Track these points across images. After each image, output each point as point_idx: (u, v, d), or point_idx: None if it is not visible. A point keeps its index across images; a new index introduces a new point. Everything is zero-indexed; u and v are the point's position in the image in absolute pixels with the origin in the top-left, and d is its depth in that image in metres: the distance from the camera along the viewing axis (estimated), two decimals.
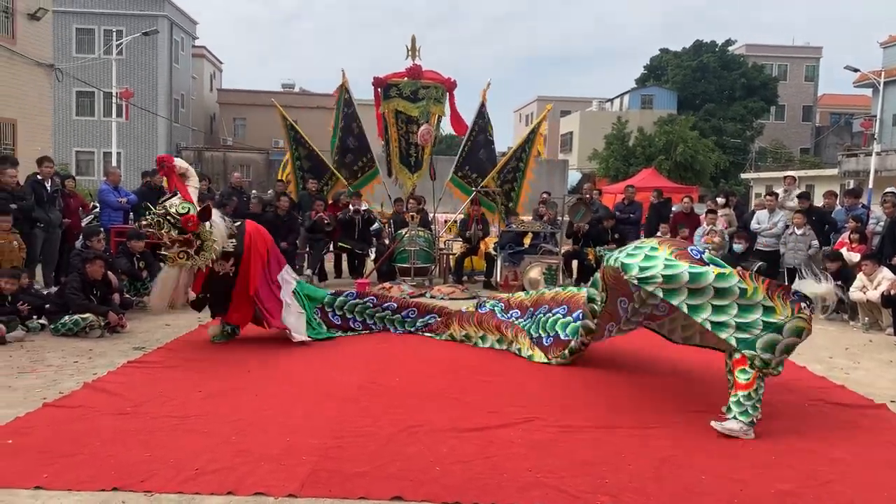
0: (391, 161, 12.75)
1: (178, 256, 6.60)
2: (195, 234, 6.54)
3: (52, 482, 3.73)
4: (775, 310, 4.70)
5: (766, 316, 4.70)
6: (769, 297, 4.74)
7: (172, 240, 6.55)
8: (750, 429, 4.71)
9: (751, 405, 4.73)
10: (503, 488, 3.80)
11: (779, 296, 4.74)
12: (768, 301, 4.72)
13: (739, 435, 4.67)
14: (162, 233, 6.56)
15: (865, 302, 8.93)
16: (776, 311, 4.70)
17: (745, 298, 4.74)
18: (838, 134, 47.49)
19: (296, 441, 4.38)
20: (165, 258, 6.74)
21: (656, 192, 13.53)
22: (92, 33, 36.04)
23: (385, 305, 7.85)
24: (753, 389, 4.73)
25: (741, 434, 4.68)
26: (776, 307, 4.71)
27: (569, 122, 50.30)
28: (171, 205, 6.60)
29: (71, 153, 35.58)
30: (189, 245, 6.56)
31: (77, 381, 5.63)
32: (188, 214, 6.52)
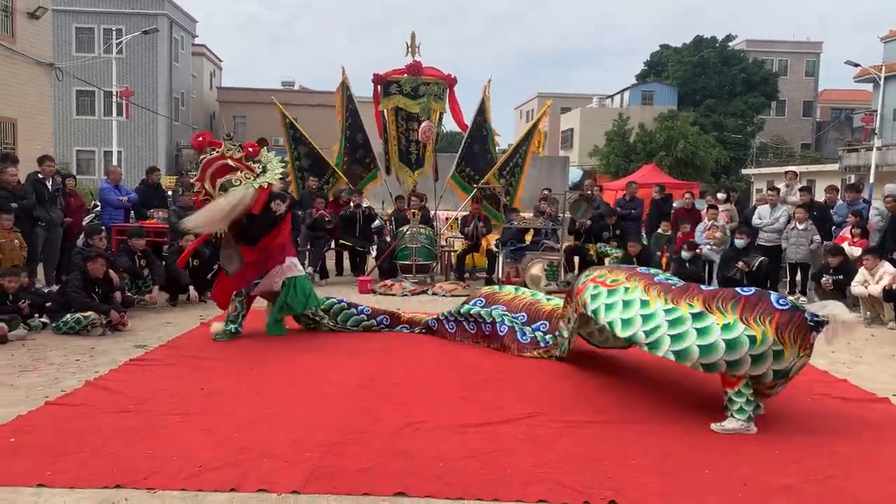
0: (390, 159, 12.74)
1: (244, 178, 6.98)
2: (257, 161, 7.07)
3: (55, 480, 3.73)
4: (784, 354, 4.49)
5: (776, 363, 4.52)
6: (779, 338, 4.47)
7: (236, 160, 6.99)
8: (750, 424, 4.70)
9: (743, 401, 4.69)
10: (506, 484, 3.80)
11: (789, 334, 4.47)
12: (778, 344, 4.48)
13: (741, 432, 4.67)
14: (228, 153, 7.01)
15: (867, 296, 8.93)
16: (784, 356, 4.50)
17: (756, 347, 4.49)
18: (839, 129, 47.45)
19: (299, 438, 4.38)
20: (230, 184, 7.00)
21: (658, 186, 13.52)
22: (92, 32, 36.05)
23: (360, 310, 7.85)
24: (743, 385, 4.69)
25: (742, 431, 4.67)
26: (785, 350, 4.49)
27: (569, 119, 50.27)
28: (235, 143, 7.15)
29: (72, 152, 35.60)
30: (251, 171, 7.02)
31: (79, 379, 5.63)
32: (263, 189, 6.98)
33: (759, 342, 4.48)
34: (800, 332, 4.50)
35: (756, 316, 4.56)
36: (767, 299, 4.65)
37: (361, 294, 10.45)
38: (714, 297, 4.84)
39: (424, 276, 11.46)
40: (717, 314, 4.68)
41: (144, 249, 8.97)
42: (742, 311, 4.61)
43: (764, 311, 4.56)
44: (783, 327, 4.49)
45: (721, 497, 3.71)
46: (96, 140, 35.80)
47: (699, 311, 4.77)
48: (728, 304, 4.70)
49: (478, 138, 12.66)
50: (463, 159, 12.67)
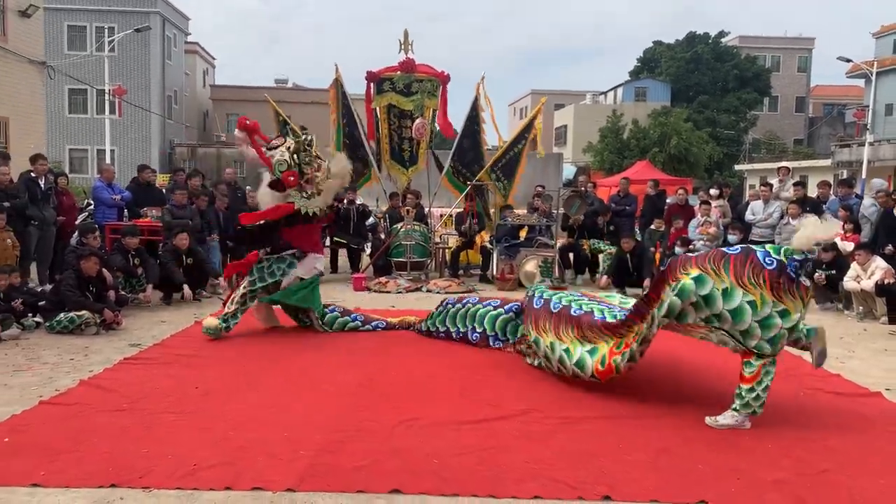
0: (381, 157, 12.73)
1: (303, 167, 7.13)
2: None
3: (49, 480, 3.72)
4: (789, 311, 4.50)
5: (785, 321, 4.50)
6: (778, 298, 4.48)
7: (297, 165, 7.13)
8: (745, 419, 4.72)
9: (752, 397, 4.68)
10: (501, 480, 3.81)
11: (785, 290, 4.48)
12: (779, 304, 4.48)
13: (735, 426, 4.69)
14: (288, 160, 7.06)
15: (859, 291, 8.97)
16: (791, 313, 4.50)
17: (757, 312, 4.49)
18: (831, 124, 47.58)
19: (294, 436, 4.38)
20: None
21: (653, 182, 13.54)
22: (84, 30, 35.89)
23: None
24: (756, 382, 4.68)
25: (736, 426, 4.70)
26: (788, 307, 4.49)
27: (563, 116, 50.28)
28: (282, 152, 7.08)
29: (64, 151, 35.48)
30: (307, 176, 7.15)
31: (73, 378, 5.62)
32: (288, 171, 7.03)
33: (760, 305, 4.47)
34: (792, 285, 4.48)
35: (749, 280, 4.52)
36: (756, 257, 4.58)
37: (356, 291, 10.45)
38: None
39: (419, 274, 11.47)
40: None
41: (138, 248, 8.96)
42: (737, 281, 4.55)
43: (757, 278, 4.51)
44: (776, 284, 4.46)
45: (715, 491, 3.73)
46: (89, 138, 35.68)
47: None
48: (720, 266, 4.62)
49: (468, 134, 12.66)
50: (455, 157, 12.67)
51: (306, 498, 3.59)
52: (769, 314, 4.49)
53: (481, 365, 6.26)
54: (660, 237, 11.51)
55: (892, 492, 3.77)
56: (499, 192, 12.37)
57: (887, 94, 38.12)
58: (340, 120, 12.60)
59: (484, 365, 6.26)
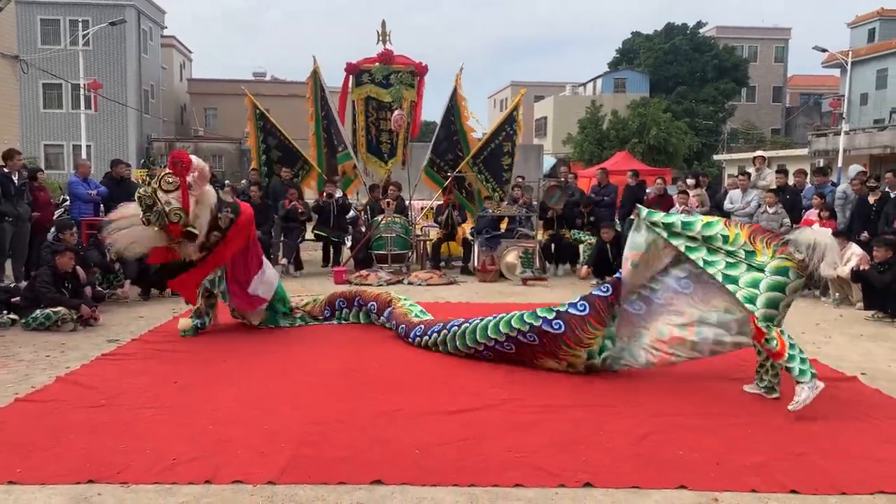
0: (358, 150, 12.69)
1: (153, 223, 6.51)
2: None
3: (26, 477, 3.67)
4: (756, 253, 4.93)
5: (749, 259, 4.94)
6: (750, 241, 4.98)
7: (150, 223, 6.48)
8: (814, 382, 4.66)
9: (798, 363, 4.71)
10: (483, 469, 3.82)
11: (761, 240, 4.96)
12: (749, 245, 4.97)
13: (813, 395, 4.63)
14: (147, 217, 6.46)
15: (836, 278, 9.06)
16: (757, 254, 4.93)
17: (729, 244, 5.01)
18: (808, 114, 48.03)
19: (274, 429, 4.36)
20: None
21: (633, 172, 13.58)
22: (57, 24, 35.43)
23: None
24: (790, 347, 4.76)
25: (814, 393, 4.63)
26: (757, 250, 4.93)
27: (543, 107, 50.33)
28: (167, 203, 6.41)
29: (39, 146, 35.05)
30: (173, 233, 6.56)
31: (49, 375, 5.55)
32: (174, 225, 6.43)
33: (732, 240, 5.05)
34: (772, 241, 4.96)
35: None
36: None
37: (337, 285, 10.41)
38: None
39: (400, 266, 11.45)
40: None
41: None
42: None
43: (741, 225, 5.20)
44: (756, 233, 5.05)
45: (694, 476, 3.76)
46: (64, 134, 35.26)
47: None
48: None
49: (445, 125, 12.66)
50: (433, 149, 12.66)
51: (287, 490, 3.57)
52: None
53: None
54: None
55: (867, 473, 3.82)
56: (481, 183, 12.38)
57: (862, 84, 38.57)
58: (318, 113, 12.54)
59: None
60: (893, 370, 6.03)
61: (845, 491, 3.63)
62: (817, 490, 3.64)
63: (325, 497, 3.51)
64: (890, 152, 28.36)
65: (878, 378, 5.72)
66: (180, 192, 6.51)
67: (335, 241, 12.08)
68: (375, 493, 3.57)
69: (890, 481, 3.73)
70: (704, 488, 3.64)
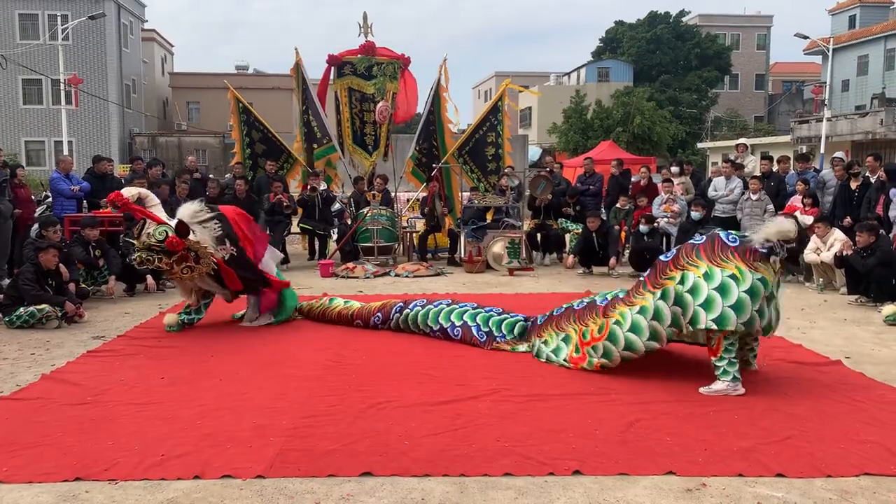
0: (343, 141, 12.64)
1: (183, 273, 6.61)
2: (186, 249, 6.48)
3: (12, 476, 3.65)
4: (767, 280, 4.84)
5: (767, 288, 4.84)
6: (752, 268, 4.83)
7: (169, 264, 6.53)
8: (736, 384, 4.88)
9: (726, 364, 4.91)
10: (472, 458, 3.83)
11: (759, 261, 4.86)
12: (757, 273, 4.82)
13: (729, 392, 4.85)
14: (158, 265, 6.59)
15: (819, 263, 9.15)
16: (769, 281, 4.86)
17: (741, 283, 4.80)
18: (790, 101, 48.28)
19: (263, 422, 4.35)
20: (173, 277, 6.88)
21: (617, 161, 13.62)
22: (36, 18, 34.90)
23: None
24: (724, 350, 4.92)
25: (730, 391, 4.86)
26: (766, 276, 4.84)
27: (527, 97, 50.24)
28: (148, 235, 6.50)
29: (20, 143, 34.60)
30: (187, 260, 6.53)
31: (35, 373, 5.50)
32: (168, 238, 6.42)
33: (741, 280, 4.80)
34: (762, 258, 4.88)
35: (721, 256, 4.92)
36: (720, 239, 5.03)
37: (324, 277, 10.39)
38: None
39: (386, 258, 11.43)
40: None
41: (99, 239, 8.80)
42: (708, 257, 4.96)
43: (723, 249, 4.94)
44: (748, 257, 4.87)
45: (682, 461, 3.79)
46: (45, 130, 34.81)
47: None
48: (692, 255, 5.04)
49: (426, 114, 12.67)
50: (416, 142, 12.64)
51: (276, 484, 3.56)
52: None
53: (446, 345, 6.29)
54: (624, 215, 11.61)
55: (852, 455, 3.87)
56: (466, 174, 12.38)
57: (843, 71, 38.86)
58: (301, 107, 12.50)
59: (448, 345, 6.29)
60: (877, 354, 6.10)
61: (831, 473, 3.67)
62: (803, 473, 3.67)
63: (314, 490, 3.51)
64: (872, 138, 28.58)
65: (861, 362, 5.79)
66: (148, 220, 6.60)
67: (321, 234, 12.05)
68: (365, 484, 3.57)
69: (874, 462, 3.78)
70: (692, 473, 3.67)
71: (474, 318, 6.39)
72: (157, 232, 6.47)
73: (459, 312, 6.49)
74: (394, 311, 6.90)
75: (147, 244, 6.50)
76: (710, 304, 4.80)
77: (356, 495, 3.46)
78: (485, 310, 6.53)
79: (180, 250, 6.46)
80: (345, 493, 3.47)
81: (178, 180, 11.22)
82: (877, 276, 8.08)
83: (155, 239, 6.46)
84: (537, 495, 3.45)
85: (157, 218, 6.67)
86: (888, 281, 8.06)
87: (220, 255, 6.77)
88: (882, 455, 3.87)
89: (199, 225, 6.77)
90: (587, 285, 9.55)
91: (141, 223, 6.67)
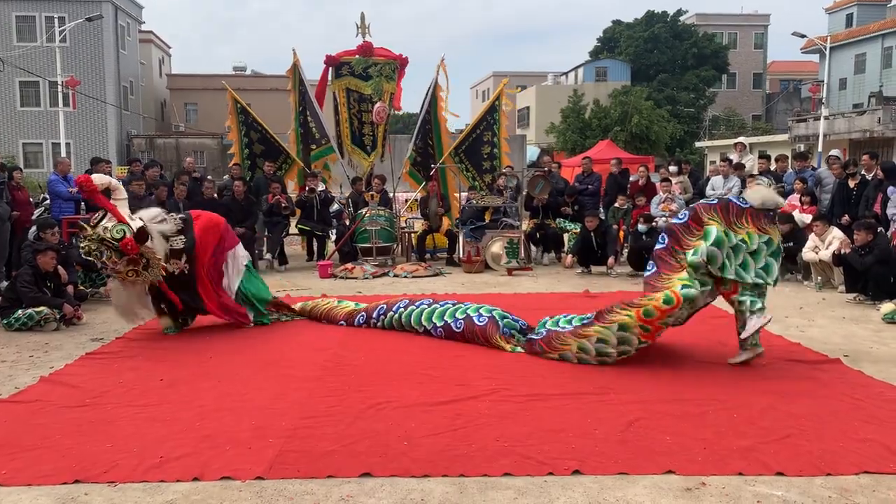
0: (342, 142, 12.63)
1: (127, 276, 6.44)
2: (139, 254, 6.38)
3: (11, 479, 3.64)
4: (772, 239, 5.52)
5: (769, 248, 5.49)
6: (761, 230, 5.48)
7: (116, 263, 6.37)
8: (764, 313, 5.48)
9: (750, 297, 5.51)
10: (472, 458, 3.82)
11: (765, 223, 5.51)
12: (764, 234, 5.47)
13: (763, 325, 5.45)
14: (104, 260, 6.41)
15: (818, 262, 9.15)
16: (773, 240, 5.52)
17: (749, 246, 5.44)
18: (788, 100, 48.29)
19: (262, 424, 4.34)
20: (114, 278, 6.65)
21: (616, 160, 13.62)
22: (33, 20, 34.88)
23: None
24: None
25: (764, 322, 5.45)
26: (772, 236, 5.52)
27: (525, 97, 50.31)
28: (104, 229, 6.36)
29: (18, 145, 34.59)
30: (136, 264, 6.41)
31: (33, 375, 5.49)
32: (125, 239, 6.31)
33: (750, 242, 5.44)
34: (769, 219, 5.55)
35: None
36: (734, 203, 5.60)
37: (322, 278, 10.39)
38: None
39: (385, 259, 11.42)
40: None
41: None
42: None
43: (739, 216, 5.51)
44: (753, 218, 5.49)
45: (682, 460, 3.79)
46: (43, 132, 34.78)
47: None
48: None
49: (423, 114, 12.67)
50: (414, 142, 12.64)
51: (276, 485, 3.56)
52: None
53: (445, 345, 6.28)
54: (623, 215, 11.61)
55: (851, 453, 3.87)
56: (462, 174, 12.39)
57: (841, 69, 38.88)
58: (297, 108, 12.49)
59: (447, 345, 6.28)
60: (875, 351, 6.10)
61: (830, 471, 3.67)
62: (803, 471, 3.67)
63: (314, 491, 3.50)
64: (869, 136, 28.61)
65: (860, 360, 5.79)
66: (109, 214, 6.44)
67: (319, 234, 12.04)
68: (365, 485, 3.56)
69: (874, 460, 3.78)
70: (692, 473, 3.67)
71: (477, 311, 6.39)
72: (115, 230, 6.33)
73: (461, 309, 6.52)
74: (377, 311, 7.00)
75: (100, 237, 6.32)
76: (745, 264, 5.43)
77: (356, 496, 3.45)
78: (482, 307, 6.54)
79: (133, 255, 6.34)
80: (344, 494, 3.47)
81: (177, 182, 11.21)
82: (875, 274, 8.09)
83: (111, 235, 6.31)
84: (537, 495, 3.45)
85: (118, 214, 6.47)
86: (886, 279, 8.07)
87: (171, 268, 6.65)
88: (881, 453, 3.87)
89: (160, 234, 6.63)
90: (586, 285, 9.55)
91: (101, 214, 6.50)
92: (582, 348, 5.61)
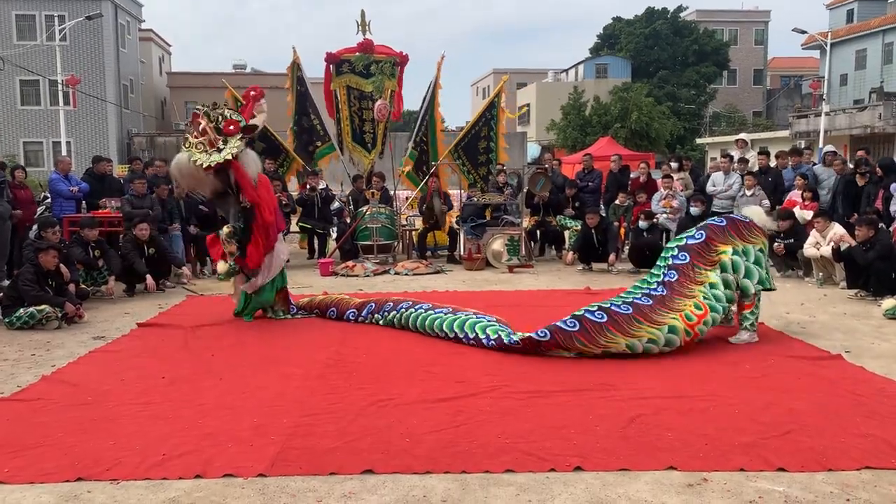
0: (343, 139, 12.62)
1: (196, 147, 6.91)
2: (224, 139, 6.89)
3: (14, 477, 3.65)
4: (763, 248, 6.31)
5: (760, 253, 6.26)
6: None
7: (202, 132, 6.90)
8: (754, 334, 6.21)
9: (754, 318, 6.23)
10: (473, 455, 3.83)
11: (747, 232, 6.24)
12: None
13: (749, 341, 6.13)
14: (200, 121, 6.98)
15: (819, 258, 9.14)
16: (764, 250, 6.33)
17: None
18: (788, 96, 48.27)
19: (264, 421, 4.35)
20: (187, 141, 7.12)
21: (616, 157, 13.61)
22: (33, 19, 34.92)
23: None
24: (755, 306, 6.21)
25: (750, 340, 6.15)
26: (761, 242, 6.30)
27: (525, 94, 50.29)
28: (230, 112, 7.14)
29: (18, 144, 34.63)
30: (210, 145, 6.87)
31: (35, 373, 5.50)
32: (234, 120, 7.00)
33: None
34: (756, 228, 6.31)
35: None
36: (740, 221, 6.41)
37: (323, 276, 10.39)
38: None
39: (386, 256, 11.42)
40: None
41: (98, 240, 8.78)
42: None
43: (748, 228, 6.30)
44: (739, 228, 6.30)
45: (683, 456, 3.79)
46: (44, 130, 34.81)
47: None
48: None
49: (422, 111, 12.67)
50: (413, 139, 12.64)
51: (278, 482, 3.57)
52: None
53: (445, 343, 6.28)
54: (624, 212, 11.60)
55: (853, 449, 3.87)
56: (460, 172, 12.39)
57: (841, 65, 38.83)
58: (295, 107, 12.48)
59: (447, 343, 6.27)
60: (877, 347, 6.10)
61: (832, 467, 3.67)
62: (804, 467, 3.67)
63: (316, 488, 3.51)
64: (870, 132, 28.59)
65: (861, 355, 5.79)
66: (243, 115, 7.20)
67: (320, 232, 12.04)
68: (367, 482, 3.57)
69: (875, 456, 3.78)
70: (693, 468, 3.67)
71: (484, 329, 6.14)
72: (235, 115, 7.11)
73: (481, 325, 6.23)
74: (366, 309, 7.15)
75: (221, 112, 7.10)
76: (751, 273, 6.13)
77: (358, 493, 3.46)
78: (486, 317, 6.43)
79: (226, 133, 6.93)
80: (346, 491, 3.48)
81: None
82: (876, 270, 8.08)
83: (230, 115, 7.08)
84: (539, 491, 3.46)
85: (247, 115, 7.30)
86: (888, 275, 8.06)
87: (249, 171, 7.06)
88: (883, 449, 3.87)
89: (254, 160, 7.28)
90: (587, 282, 9.55)
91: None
92: (630, 346, 5.69)
